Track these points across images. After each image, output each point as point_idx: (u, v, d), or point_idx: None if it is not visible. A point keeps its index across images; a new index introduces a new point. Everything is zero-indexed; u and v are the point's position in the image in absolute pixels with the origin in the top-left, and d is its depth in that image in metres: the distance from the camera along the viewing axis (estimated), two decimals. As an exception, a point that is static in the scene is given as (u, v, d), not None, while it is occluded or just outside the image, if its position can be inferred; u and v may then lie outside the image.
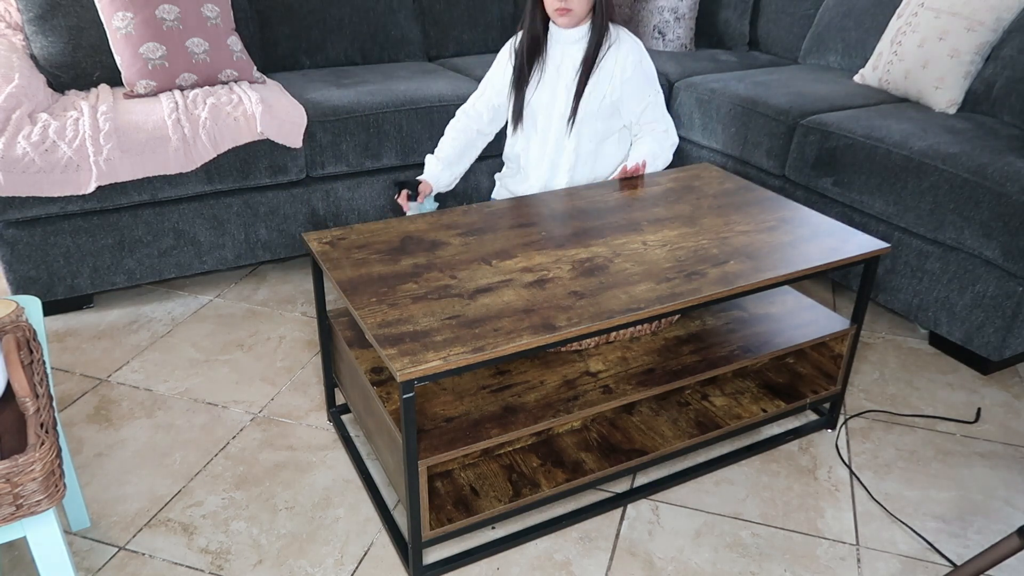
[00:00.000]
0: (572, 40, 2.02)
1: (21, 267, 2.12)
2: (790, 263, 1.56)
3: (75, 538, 1.52)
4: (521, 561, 1.50)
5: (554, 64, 2.05)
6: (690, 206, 1.83)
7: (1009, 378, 2.10)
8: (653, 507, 1.63)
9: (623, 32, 2.04)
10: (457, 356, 1.23)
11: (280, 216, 2.39)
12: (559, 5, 1.93)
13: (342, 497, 1.63)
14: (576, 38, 2.02)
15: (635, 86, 2.04)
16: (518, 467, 1.55)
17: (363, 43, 2.88)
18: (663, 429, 1.66)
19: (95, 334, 2.19)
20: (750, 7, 3.28)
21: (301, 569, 1.46)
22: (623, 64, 2.02)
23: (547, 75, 2.06)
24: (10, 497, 1.01)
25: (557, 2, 1.93)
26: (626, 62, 2.02)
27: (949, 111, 2.43)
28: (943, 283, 2.08)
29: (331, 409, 1.86)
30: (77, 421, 1.84)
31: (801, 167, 2.41)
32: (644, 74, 2.06)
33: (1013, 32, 2.37)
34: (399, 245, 1.60)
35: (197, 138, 2.16)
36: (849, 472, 1.75)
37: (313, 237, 1.62)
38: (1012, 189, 1.89)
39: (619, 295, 1.42)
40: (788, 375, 1.85)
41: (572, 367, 1.59)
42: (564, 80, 2.05)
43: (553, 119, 2.07)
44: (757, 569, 1.50)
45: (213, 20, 2.41)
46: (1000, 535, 1.60)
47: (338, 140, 2.37)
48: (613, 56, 2.02)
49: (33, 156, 1.98)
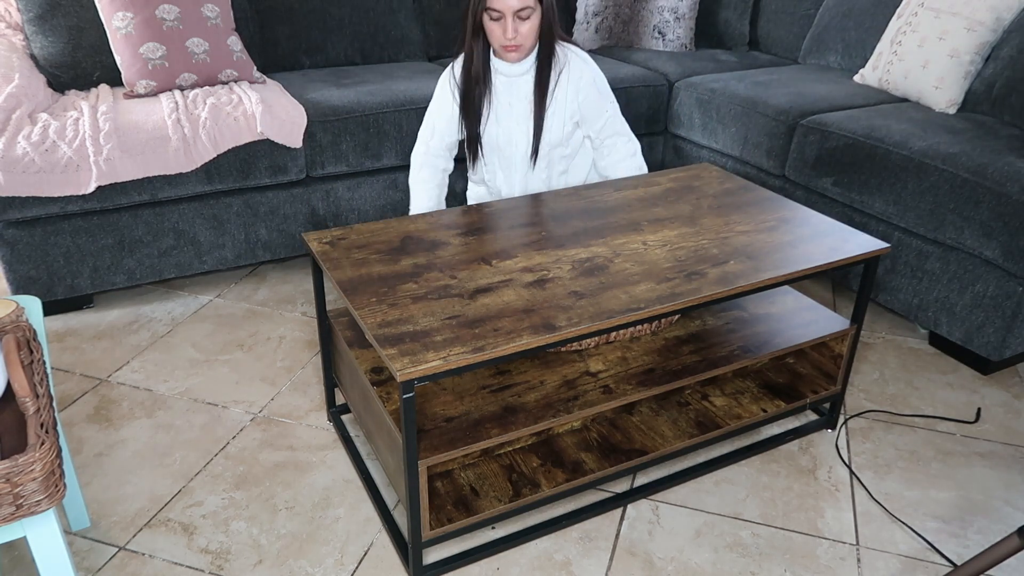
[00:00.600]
0: (518, 73, 1.93)
1: (21, 267, 2.12)
2: (790, 263, 1.56)
3: (75, 538, 1.52)
4: (521, 561, 1.50)
5: (503, 99, 1.95)
6: (690, 206, 1.83)
7: (1009, 378, 2.10)
8: (653, 507, 1.63)
9: (569, 51, 1.95)
10: (457, 356, 1.23)
11: (280, 216, 2.39)
12: (507, 42, 1.83)
13: (342, 497, 1.63)
14: (522, 71, 1.92)
15: (592, 104, 1.98)
16: (518, 467, 1.55)
17: (363, 43, 2.88)
18: (663, 429, 1.66)
19: (95, 334, 2.19)
20: (750, 7, 3.28)
21: (301, 569, 1.46)
22: (576, 86, 1.95)
23: (498, 110, 1.96)
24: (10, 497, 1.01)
25: (504, 39, 1.82)
26: (580, 83, 1.95)
27: (949, 111, 2.43)
28: (943, 283, 2.08)
29: (331, 409, 1.86)
30: (77, 421, 1.84)
31: (801, 167, 2.41)
32: (599, 90, 1.99)
33: (1013, 32, 2.37)
34: (399, 245, 1.60)
35: (197, 138, 2.16)
36: (849, 472, 1.75)
37: (313, 237, 1.62)
38: (1012, 189, 1.89)
39: (619, 295, 1.42)
40: (788, 375, 1.85)
41: (572, 367, 1.59)
42: (517, 116, 1.96)
43: (516, 157, 2.01)
44: (757, 569, 1.50)
45: (213, 20, 2.41)
46: (1000, 535, 1.60)
47: (338, 140, 2.37)
48: (565, 80, 1.94)
49: (33, 156, 1.98)
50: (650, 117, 2.90)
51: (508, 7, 1.79)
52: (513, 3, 1.78)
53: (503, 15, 1.80)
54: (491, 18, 1.82)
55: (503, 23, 1.81)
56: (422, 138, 2.05)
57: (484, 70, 1.92)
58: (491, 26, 1.84)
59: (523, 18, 1.81)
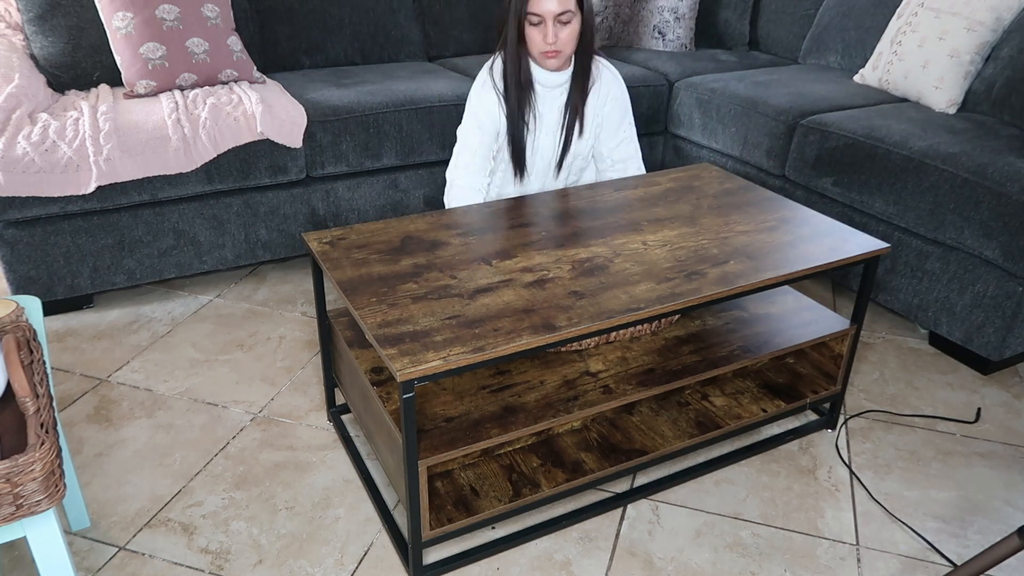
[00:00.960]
0: (556, 83, 1.90)
1: (21, 267, 2.12)
2: (790, 263, 1.56)
3: (75, 538, 1.52)
4: (521, 561, 1.50)
5: (539, 109, 1.93)
6: (690, 206, 1.83)
7: (1009, 378, 2.10)
8: (653, 507, 1.63)
9: (602, 64, 1.96)
10: (457, 356, 1.23)
11: (280, 216, 2.39)
12: (547, 48, 1.80)
13: (342, 497, 1.63)
14: (561, 82, 1.90)
15: (612, 121, 1.99)
16: (518, 467, 1.55)
17: (363, 43, 2.88)
18: (663, 429, 1.66)
19: (95, 334, 2.19)
20: (750, 7, 3.28)
21: (301, 569, 1.46)
22: (603, 100, 1.96)
23: (536, 121, 1.94)
24: (10, 497, 1.01)
25: (544, 44, 1.80)
26: (607, 98, 1.96)
27: (949, 111, 2.43)
28: (943, 283, 2.08)
29: (331, 409, 1.86)
30: (77, 421, 1.84)
31: (801, 167, 2.41)
32: (622, 108, 1.99)
33: (1013, 32, 2.37)
34: (399, 245, 1.60)
35: (197, 138, 2.16)
36: (849, 472, 1.75)
37: (313, 237, 1.62)
38: (1012, 189, 1.89)
39: (619, 295, 1.42)
40: (788, 375, 1.85)
41: (572, 367, 1.59)
42: (547, 126, 1.94)
43: (539, 166, 2.00)
44: (757, 569, 1.50)
45: (213, 20, 2.41)
46: (1000, 535, 1.60)
47: (338, 140, 2.37)
48: (595, 93, 1.94)
49: (33, 156, 1.98)
50: (650, 117, 2.90)
51: (549, 11, 1.76)
52: (554, 7, 1.75)
53: (543, 19, 1.78)
54: (531, 23, 1.80)
55: (543, 28, 1.78)
56: (461, 163, 1.96)
57: (529, 78, 1.89)
58: (531, 32, 1.81)
59: (564, 22, 1.78)
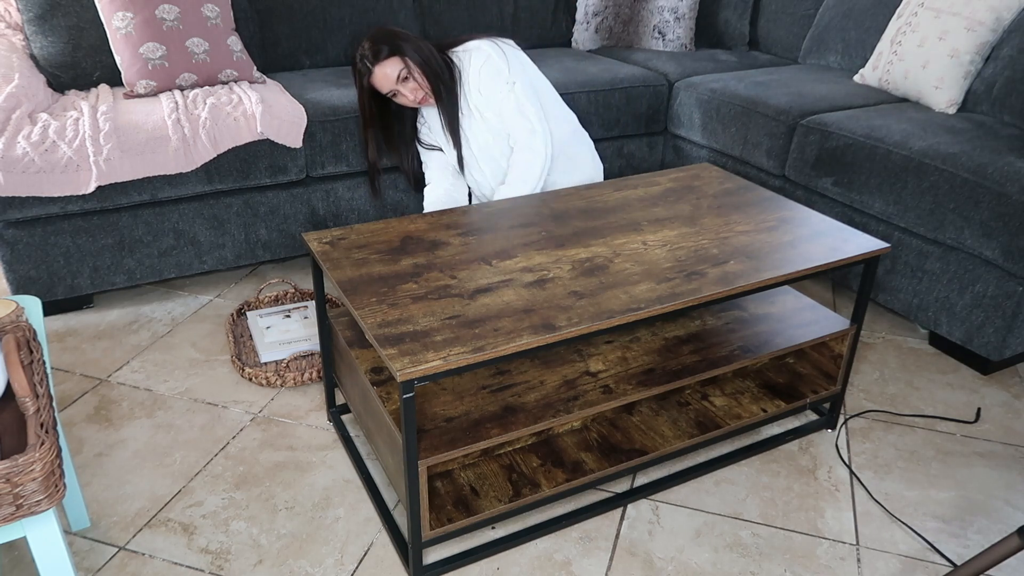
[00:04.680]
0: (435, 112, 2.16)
1: (21, 267, 2.12)
2: (790, 263, 1.56)
3: (75, 538, 1.52)
4: (521, 561, 1.50)
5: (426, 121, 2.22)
6: (690, 206, 1.83)
7: (1009, 378, 2.10)
8: (653, 507, 1.63)
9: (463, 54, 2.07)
10: (457, 356, 1.24)
11: (280, 216, 2.39)
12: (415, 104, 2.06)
13: (342, 497, 1.63)
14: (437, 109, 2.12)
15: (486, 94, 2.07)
16: (518, 467, 1.55)
17: (363, 43, 2.88)
18: (663, 429, 1.66)
19: (95, 334, 2.19)
20: (750, 7, 3.28)
21: (301, 569, 1.46)
22: (470, 80, 2.07)
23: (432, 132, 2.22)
24: (10, 497, 1.01)
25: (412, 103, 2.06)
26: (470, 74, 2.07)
27: (949, 111, 2.43)
28: (943, 283, 2.08)
29: (331, 409, 1.86)
30: (77, 421, 1.84)
31: (801, 167, 2.41)
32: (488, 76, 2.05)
33: (1013, 32, 2.37)
34: (399, 245, 1.60)
35: (197, 138, 2.16)
36: (849, 472, 1.75)
37: (313, 237, 1.62)
38: (1012, 189, 1.89)
39: (619, 295, 1.42)
40: (788, 375, 1.85)
41: (572, 367, 1.59)
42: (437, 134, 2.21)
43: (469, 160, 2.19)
44: (757, 569, 1.50)
45: (213, 20, 2.41)
46: (1000, 535, 1.60)
47: (338, 140, 2.37)
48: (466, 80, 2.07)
49: (33, 156, 1.98)
50: (650, 117, 2.90)
51: (389, 84, 2.02)
52: (387, 82, 2.02)
53: (394, 91, 2.05)
54: (390, 96, 2.08)
55: (399, 96, 2.06)
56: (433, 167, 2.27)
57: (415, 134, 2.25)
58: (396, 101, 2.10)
59: (405, 78, 2.02)
